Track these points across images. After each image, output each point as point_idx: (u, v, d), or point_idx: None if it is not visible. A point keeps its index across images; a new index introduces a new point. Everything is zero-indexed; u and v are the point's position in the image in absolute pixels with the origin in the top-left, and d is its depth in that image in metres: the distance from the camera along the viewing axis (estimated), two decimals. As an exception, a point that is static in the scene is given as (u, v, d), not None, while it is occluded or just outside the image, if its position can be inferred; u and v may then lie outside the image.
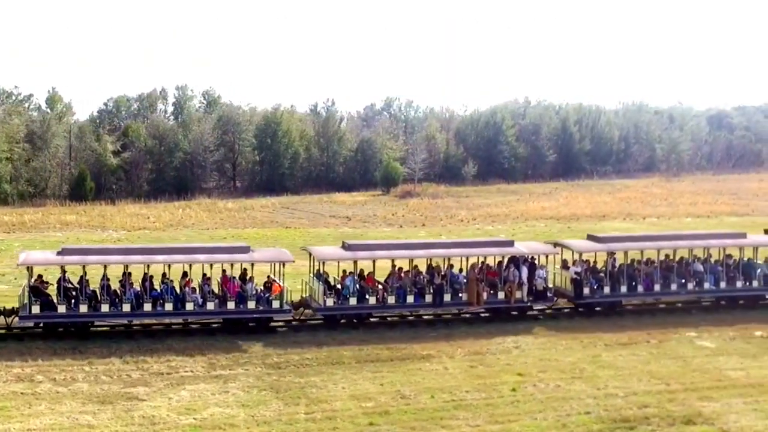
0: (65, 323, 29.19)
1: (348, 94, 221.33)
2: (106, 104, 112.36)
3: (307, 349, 28.00)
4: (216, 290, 30.74)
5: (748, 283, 35.10)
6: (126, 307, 29.24)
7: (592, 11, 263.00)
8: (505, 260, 33.24)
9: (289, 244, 48.14)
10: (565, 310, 34.28)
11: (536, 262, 33.42)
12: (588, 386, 24.32)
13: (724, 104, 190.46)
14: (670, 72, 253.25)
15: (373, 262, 32.48)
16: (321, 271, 31.68)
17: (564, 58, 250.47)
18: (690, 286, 34.46)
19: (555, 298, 33.89)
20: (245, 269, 31.35)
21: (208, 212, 74.65)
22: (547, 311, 33.80)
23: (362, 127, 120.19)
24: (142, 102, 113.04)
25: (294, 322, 31.37)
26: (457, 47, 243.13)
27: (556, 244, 35.68)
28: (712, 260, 35.87)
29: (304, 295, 32.85)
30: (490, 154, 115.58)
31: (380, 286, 31.90)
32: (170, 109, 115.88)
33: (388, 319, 32.26)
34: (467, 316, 32.78)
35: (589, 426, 21.15)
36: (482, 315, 32.75)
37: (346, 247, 32.69)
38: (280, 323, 31.04)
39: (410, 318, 32.62)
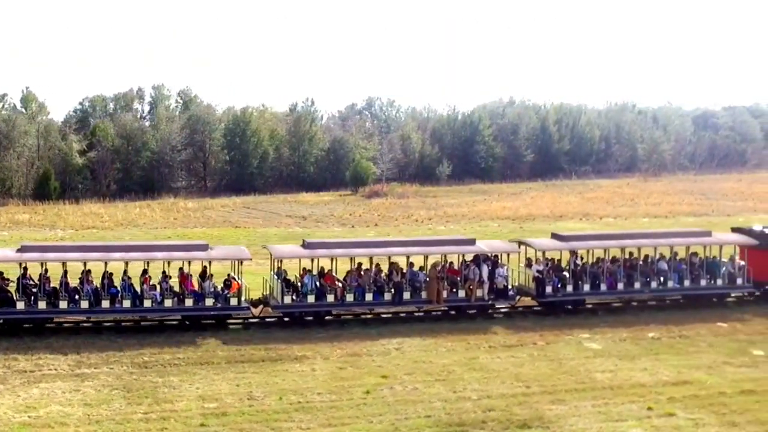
0: (24, 319, 29.69)
1: (335, 94, 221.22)
2: (81, 103, 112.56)
3: (183, 349, 27.90)
4: (177, 288, 31.32)
5: (712, 281, 35.24)
6: (84, 304, 29.82)
7: (585, 11, 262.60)
8: (465, 259, 33.49)
9: (233, 244, 48.53)
10: (520, 309, 34.43)
11: (498, 260, 33.67)
12: (446, 389, 24.11)
13: (715, 105, 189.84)
14: (662, 73, 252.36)
15: (332, 260, 32.89)
16: (280, 269, 31.99)
17: (555, 58, 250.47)
18: (654, 284, 34.56)
19: (517, 297, 34.11)
20: (205, 267, 31.72)
21: (167, 212, 74.60)
22: (505, 309, 33.95)
23: (342, 127, 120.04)
24: (117, 101, 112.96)
25: (254, 320, 31.66)
26: (445, 47, 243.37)
27: (520, 243, 36.02)
28: (678, 259, 35.81)
29: (265, 293, 33.12)
30: (467, 154, 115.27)
31: (340, 284, 32.17)
32: (146, 108, 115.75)
33: (362, 317, 32.65)
34: (420, 314, 33.08)
35: (421, 429, 20.94)
36: (398, 315, 32.84)
37: (305, 245, 33.20)
38: (237, 321, 31.42)
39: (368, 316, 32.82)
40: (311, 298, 31.23)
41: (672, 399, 23.34)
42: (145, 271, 31.08)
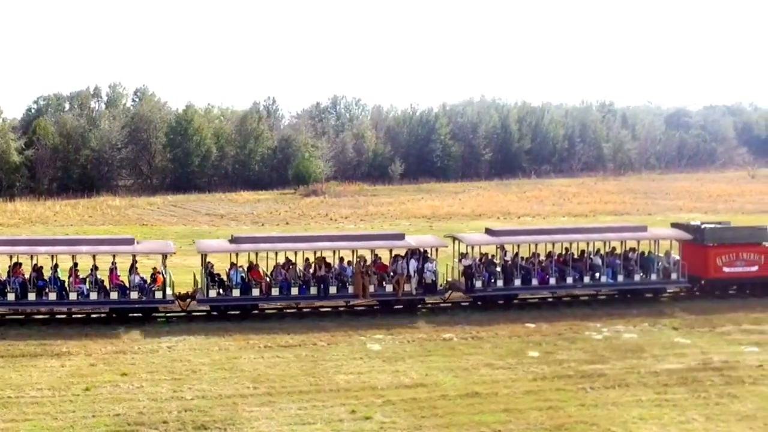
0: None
1: (308, 92, 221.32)
2: (36, 102, 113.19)
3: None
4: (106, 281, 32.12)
5: (646, 276, 35.38)
6: (11, 296, 30.78)
7: (569, 9, 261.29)
8: (394, 254, 34.07)
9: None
10: (462, 303, 34.70)
11: (428, 255, 33.94)
12: (169, 388, 24.05)
13: (694, 104, 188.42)
14: (646, 72, 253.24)
15: (256, 254, 33.82)
16: (206, 263, 32.73)
17: (536, 57, 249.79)
18: (586, 279, 34.70)
19: (448, 291, 34.44)
20: (135, 261, 32.73)
21: (92, 210, 74.87)
22: (427, 303, 34.29)
23: (308, 126, 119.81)
24: (72, 100, 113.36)
25: (182, 313, 32.52)
26: (419, 45, 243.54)
27: (453, 238, 36.41)
28: (618, 254, 36.02)
29: (196, 288, 33.62)
30: (422, 153, 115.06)
31: (268, 279, 32.90)
32: (102, 107, 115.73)
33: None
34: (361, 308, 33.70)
35: (92, 428, 20.96)
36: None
37: (232, 239, 34.50)
38: (161, 314, 32.35)
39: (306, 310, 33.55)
40: (236, 292, 32.02)
41: (387, 402, 23.06)
42: (75, 265, 31.76)
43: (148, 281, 32.08)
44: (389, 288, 33.04)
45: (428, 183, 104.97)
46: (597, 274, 35.00)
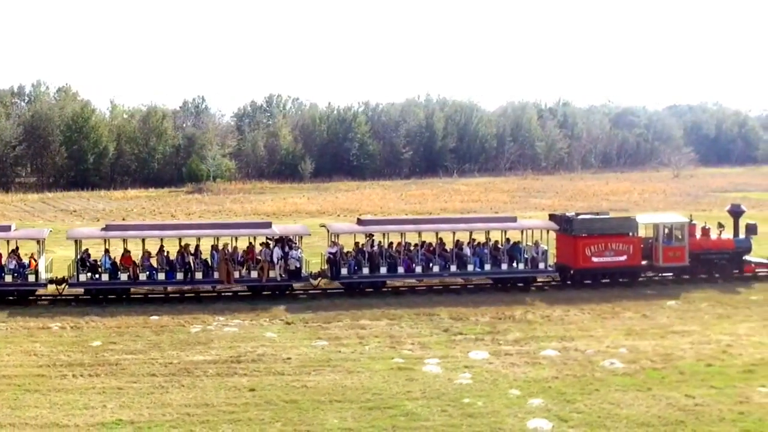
0: None
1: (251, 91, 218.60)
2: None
3: None
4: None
5: (514, 266, 35.82)
6: None
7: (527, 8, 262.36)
8: (259, 242, 35.48)
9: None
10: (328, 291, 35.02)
11: (293, 243, 34.87)
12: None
13: (656, 104, 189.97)
14: (600, 71, 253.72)
15: (124, 240, 34.93)
16: (82, 250, 33.77)
17: (491, 56, 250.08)
18: (453, 268, 35.34)
19: (315, 278, 35.13)
20: (17, 246, 34.10)
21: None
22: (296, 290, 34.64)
23: (241, 126, 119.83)
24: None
25: (59, 296, 33.40)
26: (365, 44, 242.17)
27: (322, 225, 38.46)
28: (491, 244, 36.65)
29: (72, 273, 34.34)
30: (339, 151, 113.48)
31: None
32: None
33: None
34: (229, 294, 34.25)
35: None
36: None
37: (104, 227, 36.32)
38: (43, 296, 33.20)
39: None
40: (105, 277, 33.31)
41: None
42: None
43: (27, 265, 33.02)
44: (254, 274, 33.96)
45: (342, 181, 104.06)
46: (463, 263, 35.66)
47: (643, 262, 36.37)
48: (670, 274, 36.82)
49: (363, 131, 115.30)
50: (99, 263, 33.44)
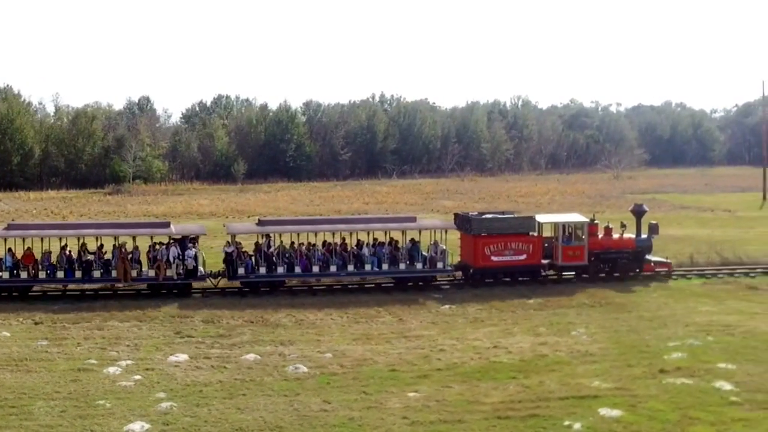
0: None
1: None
2: None
3: None
4: None
5: (412, 266, 36.08)
6: None
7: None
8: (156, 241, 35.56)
9: None
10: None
11: (190, 242, 35.09)
12: None
13: (618, 104, 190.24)
14: (560, 71, 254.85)
15: (23, 240, 34.95)
16: None
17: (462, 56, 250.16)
18: (350, 267, 35.62)
19: (215, 278, 35.30)
20: None
21: None
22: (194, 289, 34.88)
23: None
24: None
25: None
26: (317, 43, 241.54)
27: (224, 225, 39.48)
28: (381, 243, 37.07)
29: None
30: (275, 152, 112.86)
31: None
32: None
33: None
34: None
35: None
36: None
37: (6, 227, 37.42)
38: None
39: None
40: (6, 275, 33.76)
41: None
42: None
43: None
44: (151, 273, 34.46)
45: (277, 183, 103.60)
46: (361, 263, 36.01)
47: (545, 261, 36.56)
48: (572, 273, 36.96)
49: (300, 132, 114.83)
50: (1, 261, 34.06)
